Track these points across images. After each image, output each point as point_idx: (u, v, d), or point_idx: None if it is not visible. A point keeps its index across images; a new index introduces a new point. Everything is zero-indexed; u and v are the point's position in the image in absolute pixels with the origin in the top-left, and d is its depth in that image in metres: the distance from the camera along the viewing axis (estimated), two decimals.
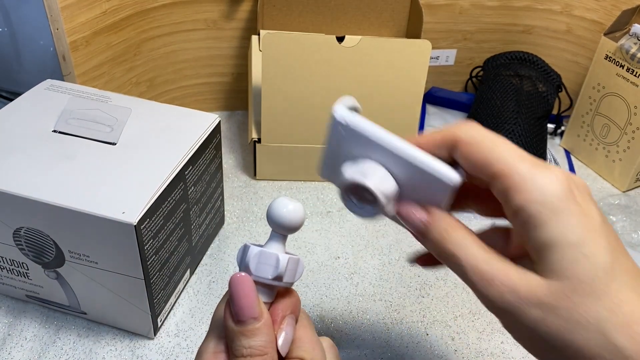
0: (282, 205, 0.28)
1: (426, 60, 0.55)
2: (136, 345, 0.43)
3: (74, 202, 0.37)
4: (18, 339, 0.43)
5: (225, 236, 0.54)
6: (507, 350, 0.45)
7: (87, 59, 0.56)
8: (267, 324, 0.27)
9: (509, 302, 0.26)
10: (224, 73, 0.70)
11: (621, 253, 0.26)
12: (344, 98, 0.29)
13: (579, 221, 0.25)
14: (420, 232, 0.30)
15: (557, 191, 0.26)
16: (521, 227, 0.27)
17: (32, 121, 0.44)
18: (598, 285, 0.24)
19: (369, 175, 0.28)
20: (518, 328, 0.26)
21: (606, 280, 0.24)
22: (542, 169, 0.26)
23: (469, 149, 0.28)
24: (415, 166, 0.28)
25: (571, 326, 0.24)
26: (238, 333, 0.27)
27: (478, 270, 0.27)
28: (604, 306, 0.24)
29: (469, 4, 0.70)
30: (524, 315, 0.26)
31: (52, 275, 0.42)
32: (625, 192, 0.64)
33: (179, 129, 0.45)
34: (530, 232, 0.26)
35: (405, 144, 0.28)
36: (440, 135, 0.29)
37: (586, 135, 0.68)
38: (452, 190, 0.28)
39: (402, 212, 0.30)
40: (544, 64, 0.69)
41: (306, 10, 0.66)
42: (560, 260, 0.25)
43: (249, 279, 0.27)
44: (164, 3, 0.62)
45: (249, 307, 0.27)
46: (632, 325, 0.24)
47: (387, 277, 0.51)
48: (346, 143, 0.29)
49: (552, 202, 0.25)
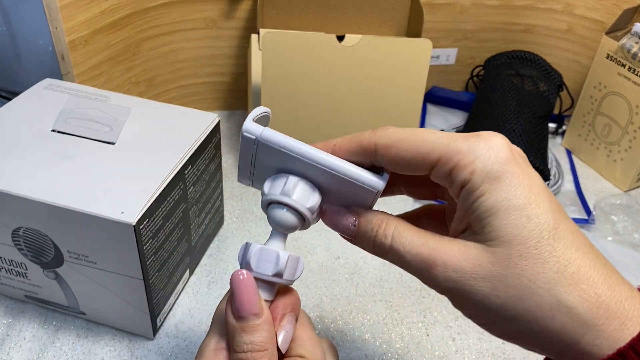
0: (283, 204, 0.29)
1: (427, 60, 0.55)
2: (135, 345, 0.43)
3: (73, 202, 0.36)
4: (17, 339, 0.43)
5: (224, 236, 0.54)
6: (508, 351, 0.44)
7: (86, 58, 0.55)
8: (267, 321, 0.27)
9: (455, 280, 0.25)
10: (224, 72, 0.70)
11: (563, 214, 0.26)
12: (254, 111, 0.29)
13: (521, 183, 0.25)
14: (351, 235, 0.30)
15: (498, 157, 0.25)
16: (465, 201, 0.26)
17: (31, 121, 0.44)
18: (544, 247, 0.24)
19: (290, 192, 0.28)
20: (470, 305, 0.26)
21: (551, 241, 0.24)
22: (478, 140, 0.26)
23: (394, 151, 0.27)
24: (336, 176, 0.28)
25: (522, 293, 0.24)
26: (239, 329, 0.27)
27: (417, 255, 0.26)
28: (552, 268, 0.24)
29: (470, 2, 0.70)
30: (473, 290, 0.25)
31: (51, 276, 0.41)
32: (626, 192, 0.64)
33: (178, 129, 0.45)
34: (474, 203, 0.25)
35: (323, 154, 0.28)
36: (357, 143, 0.28)
37: (587, 134, 0.68)
38: (376, 195, 0.28)
39: (330, 221, 0.31)
40: (545, 63, 0.69)
41: (306, 9, 0.66)
42: (505, 225, 0.25)
43: (250, 276, 0.28)
44: (162, 2, 0.62)
45: (250, 304, 0.27)
46: (579, 284, 0.24)
47: (387, 277, 0.51)
48: (263, 157, 0.29)
49: (493, 168, 0.25)
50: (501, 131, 0.61)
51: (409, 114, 0.58)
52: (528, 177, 0.25)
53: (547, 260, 0.24)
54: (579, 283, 0.24)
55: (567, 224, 0.25)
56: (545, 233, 0.24)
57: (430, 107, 0.77)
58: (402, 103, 0.57)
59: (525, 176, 0.25)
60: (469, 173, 0.25)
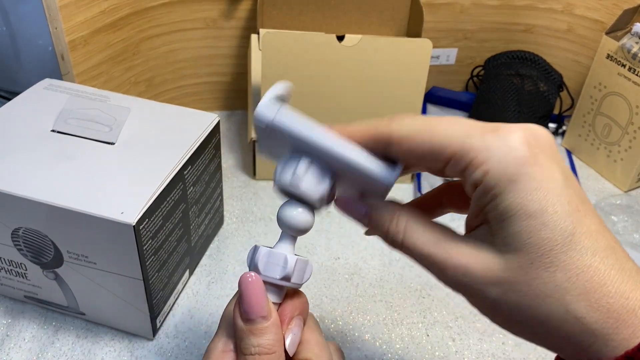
0: (294, 207, 0.29)
1: (427, 60, 0.55)
2: (135, 346, 0.43)
3: (73, 202, 0.36)
4: (17, 339, 0.43)
5: (224, 236, 0.54)
6: (508, 352, 0.44)
7: (86, 58, 0.55)
8: (275, 324, 0.27)
9: (465, 284, 0.25)
10: (224, 72, 0.70)
11: (584, 214, 0.24)
12: (273, 87, 0.28)
13: (538, 186, 0.24)
14: (365, 225, 0.30)
15: (514, 156, 0.24)
16: (479, 201, 0.25)
17: (31, 121, 0.44)
18: (557, 255, 0.23)
19: (301, 178, 0.28)
20: (481, 304, 0.26)
21: (565, 249, 0.23)
22: (496, 134, 0.25)
23: (409, 143, 0.26)
24: (349, 165, 0.27)
25: (531, 300, 0.24)
26: (247, 332, 0.27)
27: (428, 255, 0.26)
28: (563, 277, 0.23)
29: (470, 2, 0.70)
30: (483, 295, 0.25)
31: (51, 276, 0.41)
32: (626, 192, 0.64)
33: (178, 129, 0.45)
34: (489, 205, 0.25)
35: (337, 139, 0.27)
36: (373, 129, 0.27)
37: (587, 135, 0.68)
38: (388, 189, 0.27)
39: (342, 209, 0.30)
40: (545, 64, 0.69)
41: (306, 9, 0.66)
42: (519, 232, 0.24)
43: (258, 279, 0.28)
44: (162, 2, 0.62)
45: (258, 306, 0.27)
46: (591, 293, 0.23)
47: (387, 277, 0.51)
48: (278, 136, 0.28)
49: (508, 169, 0.24)
50: None
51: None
52: (547, 177, 0.24)
53: (559, 269, 0.23)
54: (590, 292, 0.23)
55: (587, 226, 0.24)
56: (560, 240, 0.23)
57: (430, 107, 0.77)
58: (402, 103, 0.57)
59: (544, 177, 0.24)
60: (483, 173, 0.24)
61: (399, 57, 0.54)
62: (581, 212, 0.24)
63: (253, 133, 0.58)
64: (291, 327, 0.29)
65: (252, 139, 0.58)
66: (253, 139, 0.58)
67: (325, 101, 0.56)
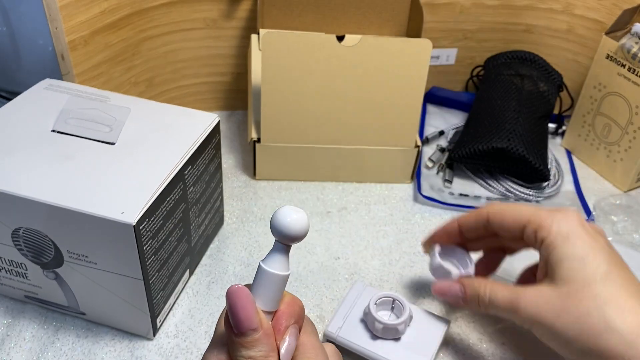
0: (286, 215, 0.28)
1: (427, 60, 0.55)
2: (135, 346, 0.43)
3: (73, 202, 0.36)
4: (17, 339, 0.43)
5: (224, 236, 0.54)
6: (509, 352, 0.44)
7: (86, 58, 0.55)
8: (267, 334, 0.28)
9: (532, 315, 0.36)
10: (224, 72, 0.70)
11: (618, 266, 0.35)
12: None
13: (584, 242, 0.35)
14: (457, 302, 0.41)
15: (569, 222, 0.37)
16: (544, 253, 0.37)
17: (31, 121, 0.44)
18: (597, 285, 0.34)
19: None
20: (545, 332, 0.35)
21: (603, 282, 0.34)
22: (557, 211, 0.38)
23: (500, 216, 0.40)
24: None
25: (578, 318, 0.34)
26: (237, 344, 0.27)
27: (508, 303, 0.37)
28: (602, 299, 0.33)
29: (470, 2, 0.70)
30: (544, 320, 0.35)
31: (51, 276, 0.41)
32: (626, 192, 0.64)
33: (178, 129, 0.45)
34: (550, 255, 0.36)
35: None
36: (474, 215, 0.42)
37: (587, 135, 0.68)
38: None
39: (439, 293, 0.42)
40: (545, 64, 0.69)
41: (306, 9, 0.66)
42: (568, 269, 0.35)
43: (246, 291, 0.27)
44: (163, 2, 0.62)
45: (247, 320, 0.27)
46: (624, 312, 0.33)
47: (387, 277, 0.51)
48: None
49: (565, 230, 0.36)
50: (501, 131, 0.61)
51: (409, 114, 0.58)
52: (591, 237, 0.36)
53: (599, 295, 0.33)
54: (623, 311, 0.33)
55: (621, 272, 0.35)
56: (599, 276, 0.34)
57: (430, 107, 0.77)
58: (402, 103, 0.57)
59: (589, 236, 0.36)
60: (547, 232, 0.37)
61: (398, 57, 0.54)
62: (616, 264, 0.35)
63: (253, 133, 0.58)
64: (286, 337, 0.29)
65: (252, 139, 0.58)
66: (253, 139, 0.58)
67: (326, 101, 0.56)
